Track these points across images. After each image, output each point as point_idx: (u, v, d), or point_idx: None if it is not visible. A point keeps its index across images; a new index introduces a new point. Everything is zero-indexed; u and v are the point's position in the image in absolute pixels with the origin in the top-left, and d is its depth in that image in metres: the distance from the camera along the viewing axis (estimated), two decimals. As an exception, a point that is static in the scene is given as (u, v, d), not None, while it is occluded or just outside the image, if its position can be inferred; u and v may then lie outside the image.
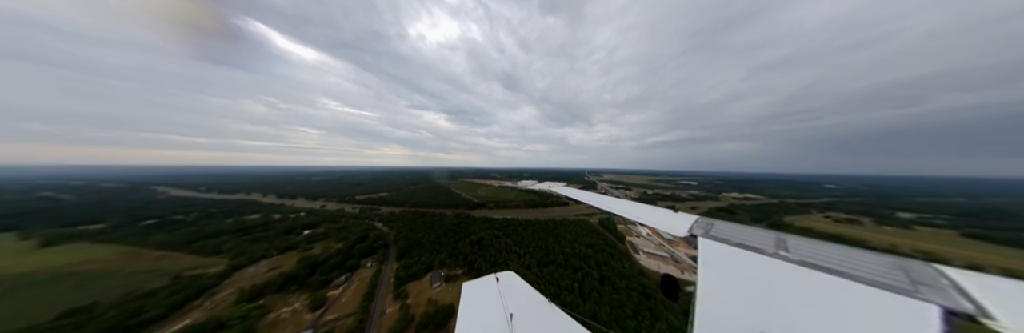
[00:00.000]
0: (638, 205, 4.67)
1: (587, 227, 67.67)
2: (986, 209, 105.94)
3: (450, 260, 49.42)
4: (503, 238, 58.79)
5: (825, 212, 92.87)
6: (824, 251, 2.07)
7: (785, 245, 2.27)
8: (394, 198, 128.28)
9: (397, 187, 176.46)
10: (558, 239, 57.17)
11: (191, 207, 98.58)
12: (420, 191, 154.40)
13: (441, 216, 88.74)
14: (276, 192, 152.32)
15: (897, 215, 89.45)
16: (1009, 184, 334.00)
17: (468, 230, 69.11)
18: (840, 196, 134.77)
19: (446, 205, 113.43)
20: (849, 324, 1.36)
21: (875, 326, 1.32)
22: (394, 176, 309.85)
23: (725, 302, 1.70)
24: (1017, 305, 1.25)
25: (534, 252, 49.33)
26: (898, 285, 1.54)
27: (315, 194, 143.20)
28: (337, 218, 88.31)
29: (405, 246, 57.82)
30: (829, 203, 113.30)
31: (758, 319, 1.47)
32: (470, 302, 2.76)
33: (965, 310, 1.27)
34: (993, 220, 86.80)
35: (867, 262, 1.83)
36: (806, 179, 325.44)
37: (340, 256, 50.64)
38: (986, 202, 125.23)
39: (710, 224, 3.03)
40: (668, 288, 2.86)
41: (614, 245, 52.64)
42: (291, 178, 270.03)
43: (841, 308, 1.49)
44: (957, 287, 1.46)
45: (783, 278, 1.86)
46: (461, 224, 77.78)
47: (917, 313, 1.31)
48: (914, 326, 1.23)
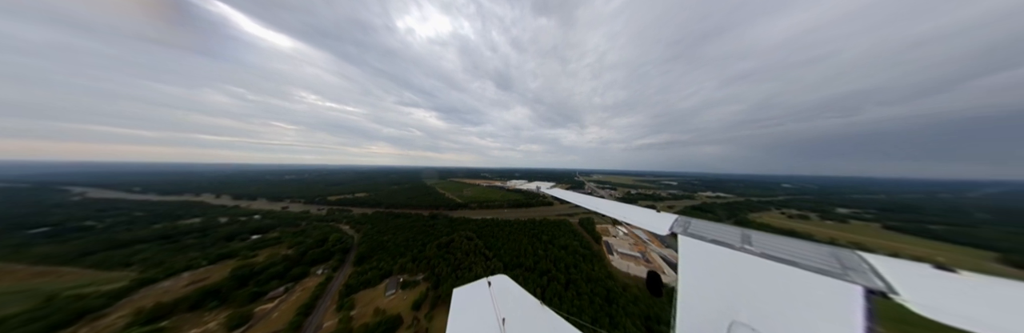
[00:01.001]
0: (623, 205, 4.73)
1: (566, 228, 66.53)
2: (900, 205, 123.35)
3: (412, 265, 45.34)
4: (475, 240, 55.62)
5: (781, 209, 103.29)
6: (780, 244, 2.46)
7: (750, 240, 2.60)
8: (371, 199, 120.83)
9: (378, 187, 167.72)
10: (533, 240, 55.13)
11: (111, 211, 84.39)
12: (402, 191, 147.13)
13: (417, 217, 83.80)
14: (233, 193, 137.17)
15: (836, 211, 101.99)
16: (917, 183, 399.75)
17: (441, 232, 65.33)
18: (794, 195, 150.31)
19: (426, 206, 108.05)
20: (799, 307, 1.67)
21: (818, 306, 1.64)
22: (379, 175, 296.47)
23: (702, 294, 1.92)
24: (911, 281, 1.69)
25: (504, 254, 46.75)
26: (833, 271, 1.91)
27: (280, 195, 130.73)
28: (298, 221, 79.96)
29: (367, 250, 52.72)
30: (785, 201, 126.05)
31: (729, 308, 1.70)
32: (461, 308, 2.71)
33: (879, 288, 1.65)
34: (905, 214, 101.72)
35: (811, 252, 2.22)
36: (768, 179, 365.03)
37: (285, 264, 44.56)
38: (899, 199, 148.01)
39: (688, 222, 3.32)
40: (653, 284, 3.17)
41: (589, 246, 51.57)
42: (258, 177, 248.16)
43: (792, 293, 1.80)
44: (873, 270, 1.87)
45: (748, 269, 2.15)
46: (435, 226, 73.74)
47: (847, 293, 1.65)
48: (845, 304, 1.56)
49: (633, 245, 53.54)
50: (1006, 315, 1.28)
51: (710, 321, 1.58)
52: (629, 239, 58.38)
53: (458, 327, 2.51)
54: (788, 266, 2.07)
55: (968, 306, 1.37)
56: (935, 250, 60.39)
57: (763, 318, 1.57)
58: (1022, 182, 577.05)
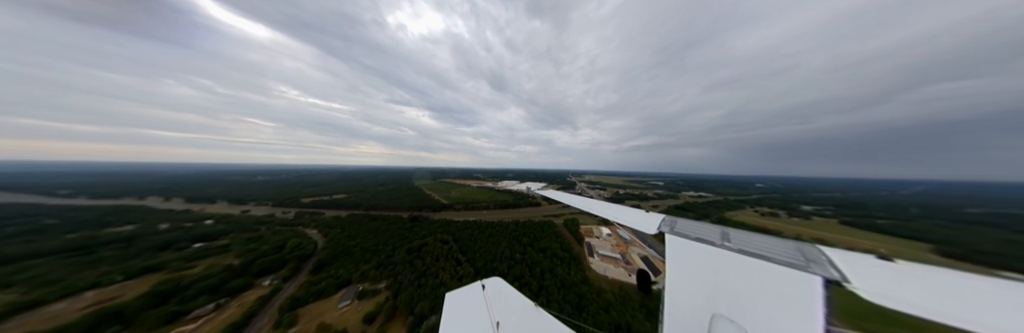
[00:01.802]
0: (614, 206, 4.94)
1: (549, 229, 64.99)
2: (851, 202, 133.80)
3: (376, 272, 41.28)
4: (450, 243, 52.38)
5: (755, 207, 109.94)
6: (754, 240, 2.70)
7: (728, 237, 2.83)
8: (350, 200, 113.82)
9: (361, 188, 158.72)
10: (513, 242, 52.88)
11: (16, 218, 71.03)
12: (386, 192, 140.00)
13: (395, 220, 78.97)
14: (188, 195, 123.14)
15: (801, 208, 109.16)
16: (861, 182, 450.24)
17: (418, 235, 61.39)
18: (765, 194, 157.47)
19: (408, 207, 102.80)
20: (770, 297, 1.87)
21: (786, 296, 1.85)
22: (365, 176, 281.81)
23: (687, 289, 2.07)
24: (860, 271, 1.98)
25: (479, 259, 44.01)
26: (799, 264, 2.15)
27: (245, 197, 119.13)
28: (257, 226, 72.01)
29: (329, 256, 47.67)
30: (758, 200, 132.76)
31: (711, 301, 1.86)
32: (453, 313, 2.70)
33: (835, 278, 1.91)
34: (856, 210, 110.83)
35: (780, 247, 2.47)
36: (743, 179, 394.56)
37: (224, 275, 38.70)
38: (852, 197, 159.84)
39: (674, 222, 3.54)
40: (642, 283, 3.42)
41: (570, 248, 50.04)
42: (223, 178, 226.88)
43: (765, 285, 2.01)
44: (830, 262, 2.13)
45: (727, 265, 2.35)
46: (413, 228, 69.54)
47: (810, 284, 1.89)
48: (808, 293, 1.79)
49: (615, 246, 52.80)
50: (933, 297, 1.58)
51: (694, 315, 1.71)
52: (612, 240, 57.81)
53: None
54: (761, 261, 2.31)
55: (904, 291, 1.66)
56: (883, 243, 65.95)
57: (740, 309, 1.75)
58: (940, 181, 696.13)
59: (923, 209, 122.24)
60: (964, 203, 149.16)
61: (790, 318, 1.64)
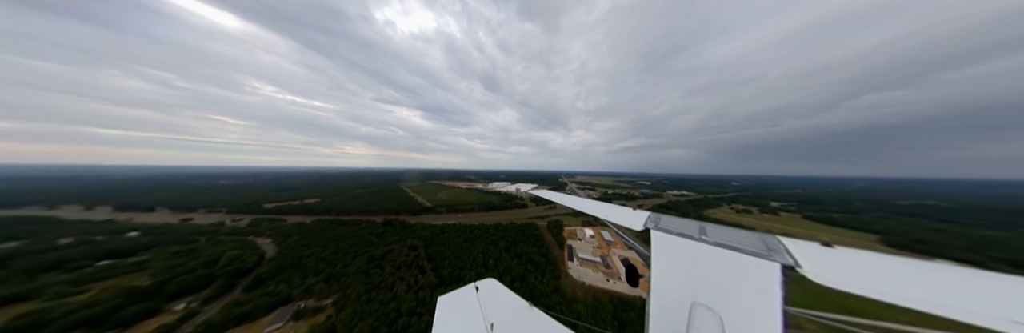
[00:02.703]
0: (605, 205, 5.08)
1: (530, 232, 62.08)
2: (810, 198, 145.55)
3: (325, 285, 35.66)
4: (419, 250, 47.60)
5: (731, 205, 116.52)
6: (726, 233, 2.94)
7: (705, 231, 3.02)
8: (321, 205, 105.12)
9: (339, 191, 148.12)
10: (489, 248, 49.21)
11: None
12: (365, 195, 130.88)
13: (367, 225, 72.33)
14: (120, 202, 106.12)
15: (770, 204, 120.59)
16: (815, 180, 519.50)
17: (386, 241, 55.89)
18: (740, 192, 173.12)
19: (385, 211, 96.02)
20: (740, 284, 2.08)
21: (753, 282, 2.07)
22: (348, 178, 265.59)
23: (670, 280, 2.23)
24: (808, 256, 2.27)
25: (447, 266, 39.87)
26: (761, 252, 2.39)
27: (193, 203, 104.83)
28: (196, 237, 62.03)
29: (273, 269, 40.98)
30: (734, 197, 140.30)
31: (691, 291, 2.03)
32: (446, 317, 2.68)
33: (790, 264, 2.16)
34: (815, 206, 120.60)
35: (748, 239, 2.72)
36: (721, 179, 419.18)
37: (119, 301, 31.07)
38: (811, 193, 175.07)
39: (658, 218, 3.73)
40: (630, 276, 3.68)
41: (548, 252, 47.18)
42: (178, 182, 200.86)
43: (736, 273, 2.22)
44: (786, 250, 2.42)
45: (704, 257, 2.53)
46: (385, 234, 63.76)
47: (771, 270, 2.13)
48: (769, 278, 2.04)
49: (597, 248, 50.75)
50: (860, 276, 1.97)
51: (677, 304, 1.85)
52: (595, 242, 55.99)
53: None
54: (733, 251, 2.51)
55: (839, 272, 2.02)
56: (840, 235, 71.03)
57: (716, 297, 1.92)
58: (874, 178, 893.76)
59: (866, 203, 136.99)
60: (895, 197, 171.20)
61: (756, 301, 1.84)
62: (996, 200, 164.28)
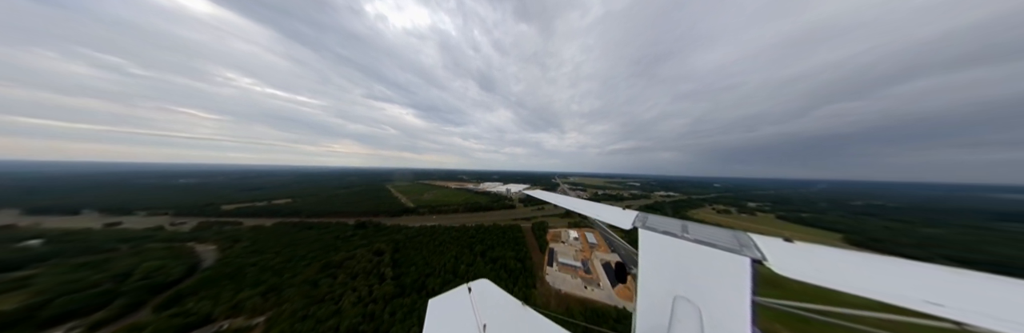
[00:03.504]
0: (595, 204, 5.32)
1: (511, 234, 58.84)
2: (783, 199, 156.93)
3: (261, 300, 30.06)
4: (385, 255, 42.76)
5: (712, 205, 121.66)
6: (705, 231, 3.22)
7: (687, 229, 3.29)
8: (292, 206, 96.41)
9: (317, 191, 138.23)
10: (464, 251, 45.37)
11: None
12: (344, 196, 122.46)
13: (336, 227, 66.00)
14: (33, 205, 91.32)
15: (748, 205, 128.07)
16: (783, 182, 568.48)
17: (352, 245, 50.41)
18: (721, 193, 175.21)
19: (362, 212, 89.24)
20: (716, 278, 2.31)
21: (727, 276, 2.29)
22: (330, 178, 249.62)
23: (655, 276, 2.40)
24: (773, 251, 2.54)
25: (412, 273, 35.60)
26: (734, 248, 2.64)
27: (135, 205, 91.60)
28: (116, 245, 52.61)
29: (202, 282, 34.52)
30: (715, 198, 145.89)
31: (674, 285, 2.21)
32: (436, 320, 2.67)
33: (758, 258, 2.42)
34: (786, 206, 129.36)
35: (723, 236, 3.02)
36: (704, 180, 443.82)
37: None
38: (783, 194, 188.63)
39: (646, 217, 3.95)
40: (619, 273, 3.78)
41: (526, 257, 44.06)
42: (123, 180, 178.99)
43: (713, 268, 2.45)
44: (755, 245, 2.69)
45: (686, 253, 2.75)
46: (354, 237, 58.04)
47: (742, 264, 2.38)
48: (741, 272, 2.26)
49: (579, 252, 48.27)
50: (816, 266, 2.26)
51: (661, 298, 1.98)
52: (578, 244, 53.59)
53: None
54: (710, 248, 2.73)
55: (798, 264, 2.31)
56: (810, 235, 74.48)
57: (696, 290, 2.10)
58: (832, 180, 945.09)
59: (828, 203, 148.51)
60: (850, 197, 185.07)
61: (729, 293, 2.05)
62: (929, 201, 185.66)
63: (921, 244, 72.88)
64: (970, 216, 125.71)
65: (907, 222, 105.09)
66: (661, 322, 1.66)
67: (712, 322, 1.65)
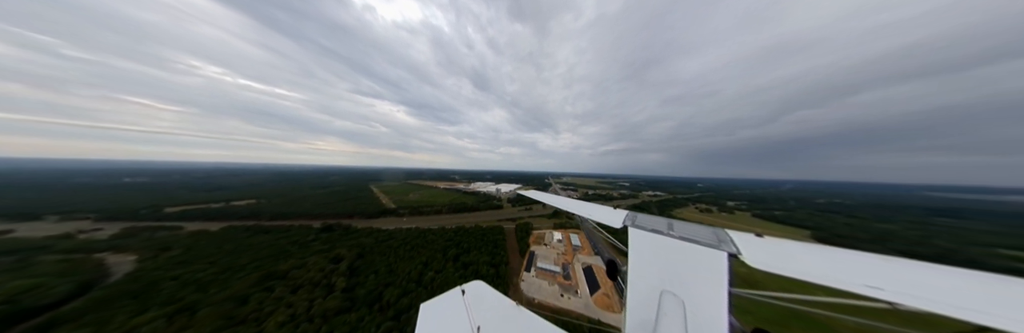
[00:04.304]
0: (587, 204, 5.41)
1: (491, 236, 54.93)
2: (757, 198, 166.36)
3: (166, 324, 23.90)
4: (344, 261, 37.27)
5: (696, 204, 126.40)
6: (688, 228, 3.42)
7: (672, 227, 3.49)
8: (254, 207, 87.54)
9: (290, 191, 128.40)
10: (436, 255, 40.91)
11: None
12: (319, 196, 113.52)
13: (299, 231, 59.30)
14: None
15: (727, 204, 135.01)
16: (764, 182, 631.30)
17: (309, 251, 44.45)
18: (704, 192, 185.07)
19: (334, 214, 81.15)
20: (698, 272, 2.49)
21: (707, 270, 2.48)
22: (310, 177, 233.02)
23: (644, 272, 2.55)
24: (746, 245, 2.79)
25: (369, 282, 30.73)
26: (714, 244, 2.86)
27: (45, 208, 78.27)
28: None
29: (94, 302, 27.43)
30: (699, 197, 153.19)
31: (661, 280, 2.37)
32: (427, 324, 2.66)
33: (734, 252, 2.65)
34: (761, 204, 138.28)
35: (704, 232, 3.26)
36: (689, 180, 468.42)
37: None
38: (757, 193, 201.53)
39: (635, 216, 4.12)
40: (611, 270, 3.90)
41: (503, 261, 40.24)
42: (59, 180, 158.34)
43: (695, 262, 2.64)
44: (731, 241, 2.93)
45: (671, 250, 2.93)
46: (313, 242, 51.94)
47: (720, 258, 2.59)
48: (719, 266, 2.48)
49: (562, 255, 45.17)
50: (782, 259, 2.51)
51: (649, 293, 2.12)
52: (561, 247, 50.42)
53: None
54: (693, 244, 2.93)
55: (768, 258, 2.55)
56: (783, 232, 77.75)
57: (680, 284, 2.27)
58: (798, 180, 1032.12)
59: (796, 201, 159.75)
60: (814, 196, 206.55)
61: (709, 286, 2.24)
62: (876, 199, 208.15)
63: (877, 239, 78.36)
64: (910, 212, 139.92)
65: (862, 218, 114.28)
66: (649, 316, 1.75)
67: (694, 313, 1.81)
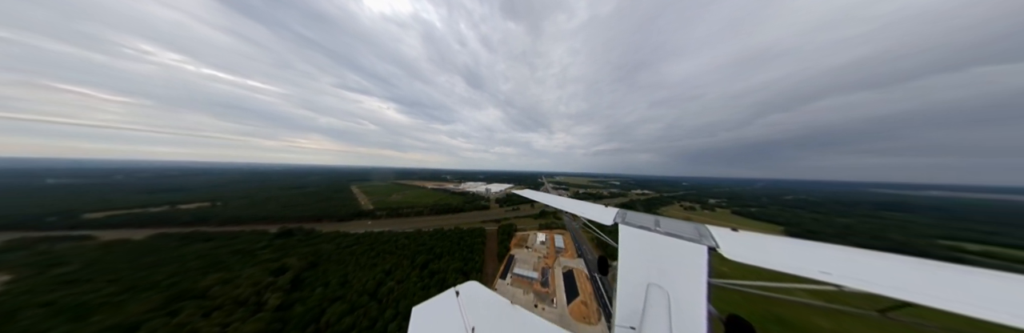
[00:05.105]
0: (580, 202, 5.81)
1: (471, 239, 51.31)
2: (735, 196, 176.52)
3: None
4: (287, 273, 32.02)
5: (681, 202, 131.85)
6: (673, 224, 3.75)
7: (659, 223, 3.83)
8: (203, 211, 78.95)
9: (256, 192, 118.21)
10: (402, 262, 36.72)
11: None
12: (288, 197, 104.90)
13: (248, 237, 52.46)
14: None
15: (709, 201, 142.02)
16: (741, 180, 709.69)
17: (252, 260, 38.71)
18: (688, 191, 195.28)
19: (300, 217, 73.87)
20: (681, 265, 2.73)
21: (689, 263, 2.73)
22: (286, 177, 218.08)
23: (632, 266, 2.73)
24: (723, 239, 3.18)
25: (313, 298, 26.13)
26: (695, 238, 3.21)
27: None
28: None
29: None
30: (683, 195, 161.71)
31: (648, 274, 2.56)
32: (420, 328, 2.62)
33: (713, 246, 3.00)
34: (738, 202, 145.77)
35: (686, 228, 3.58)
36: (674, 179, 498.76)
37: None
38: (735, 191, 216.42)
39: (625, 214, 4.49)
40: (601, 266, 4.37)
41: (477, 267, 36.91)
42: None
43: (678, 256, 2.91)
44: (711, 235, 3.29)
45: (658, 244, 3.21)
46: (264, 249, 45.97)
47: (701, 252, 2.90)
48: (699, 259, 2.76)
49: (543, 258, 42.14)
50: (755, 251, 2.89)
51: (637, 285, 2.26)
52: (544, 249, 47.30)
53: None
54: (677, 239, 3.25)
55: (743, 250, 2.90)
56: (758, 227, 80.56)
57: (664, 277, 2.48)
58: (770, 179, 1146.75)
59: (768, 198, 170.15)
60: (783, 193, 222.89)
61: (691, 277, 2.47)
62: (834, 195, 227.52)
63: (841, 234, 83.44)
64: (863, 208, 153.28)
65: (825, 214, 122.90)
66: (637, 307, 1.88)
67: (678, 304, 1.98)
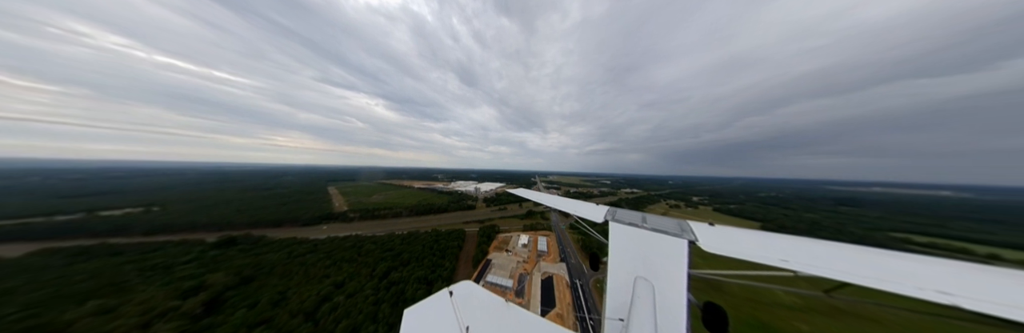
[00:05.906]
0: (573, 201, 6.05)
1: (447, 242, 46.72)
2: (716, 193, 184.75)
3: None
4: (202, 293, 25.77)
5: (667, 201, 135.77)
6: (658, 220, 4.06)
7: (645, 220, 4.11)
8: (129, 218, 68.81)
9: (211, 195, 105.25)
10: (360, 272, 31.45)
11: None
12: (246, 200, 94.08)
13: (175, 248, 44.81)
14: None
15: (693, 199, 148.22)
16: (721, 179, 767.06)
17: (167, 277, 31.70)
18: (674, 189, 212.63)
19: (253, 223, 65.32)
20: (665, 258, 2.94)
21: (671, 256, 2.95)
22: (256, 178, 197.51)
23: (621, 261, 2.92)
24: (702, 234, 3.51)
25: (228, 324, 20.55)
26: (677, 233, 3.47)
27: None
28: None
29: None
30: (669, 194, 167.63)
31: (635, 268, 2.74)
32: (413, 329, 2.61)
33: (693, 240, 3.28)
34: (720, 199, 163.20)
35: (669, 223, 3.89)
36: (661, 178, 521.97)
37: None
38: (716, 189, 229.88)
39: (615, 211, 4.78)
40: (593, 262, 4.53)
41: (447, 276, 32.81)
42: None
43: (662, 250, 3.13)
44: (691, 230, 3.58)
45: (645, 240, 3.43)
46: (189, 263, 39.01)
47: (682, 246, 3.15)
48: (681, 252, 3.00)
49: (522, 263, 38.62)
50: (729, 243, 3.16)
51: (625, 279, 2.43)
52: (526, 253, 43.74)
53: None
54: (661, 234, 3.51)
55: (717, 242, 3.16)
56: (739, 224, 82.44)
57: (651, 270, 2.67)
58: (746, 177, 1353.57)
59: (746, 196, 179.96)
60: (757, 191, 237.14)
61: (673, 270, 2.68)
62: (799, 192, 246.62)
63: (811, 229, 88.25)
64: (824, 203, 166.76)
65: (794, 209, 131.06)
66: (625, 300, 2.03)
67: (661, 295, 2.16)
